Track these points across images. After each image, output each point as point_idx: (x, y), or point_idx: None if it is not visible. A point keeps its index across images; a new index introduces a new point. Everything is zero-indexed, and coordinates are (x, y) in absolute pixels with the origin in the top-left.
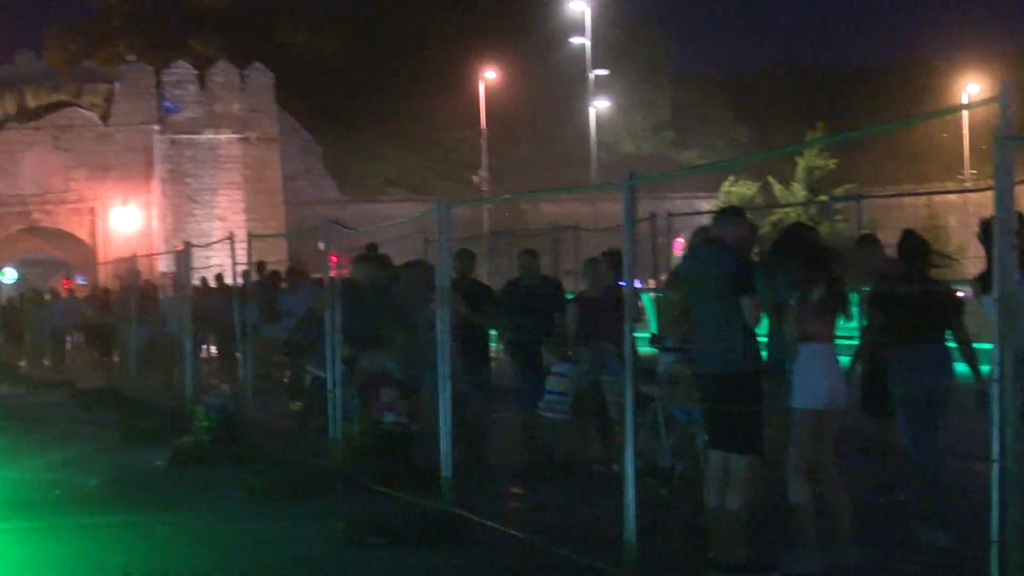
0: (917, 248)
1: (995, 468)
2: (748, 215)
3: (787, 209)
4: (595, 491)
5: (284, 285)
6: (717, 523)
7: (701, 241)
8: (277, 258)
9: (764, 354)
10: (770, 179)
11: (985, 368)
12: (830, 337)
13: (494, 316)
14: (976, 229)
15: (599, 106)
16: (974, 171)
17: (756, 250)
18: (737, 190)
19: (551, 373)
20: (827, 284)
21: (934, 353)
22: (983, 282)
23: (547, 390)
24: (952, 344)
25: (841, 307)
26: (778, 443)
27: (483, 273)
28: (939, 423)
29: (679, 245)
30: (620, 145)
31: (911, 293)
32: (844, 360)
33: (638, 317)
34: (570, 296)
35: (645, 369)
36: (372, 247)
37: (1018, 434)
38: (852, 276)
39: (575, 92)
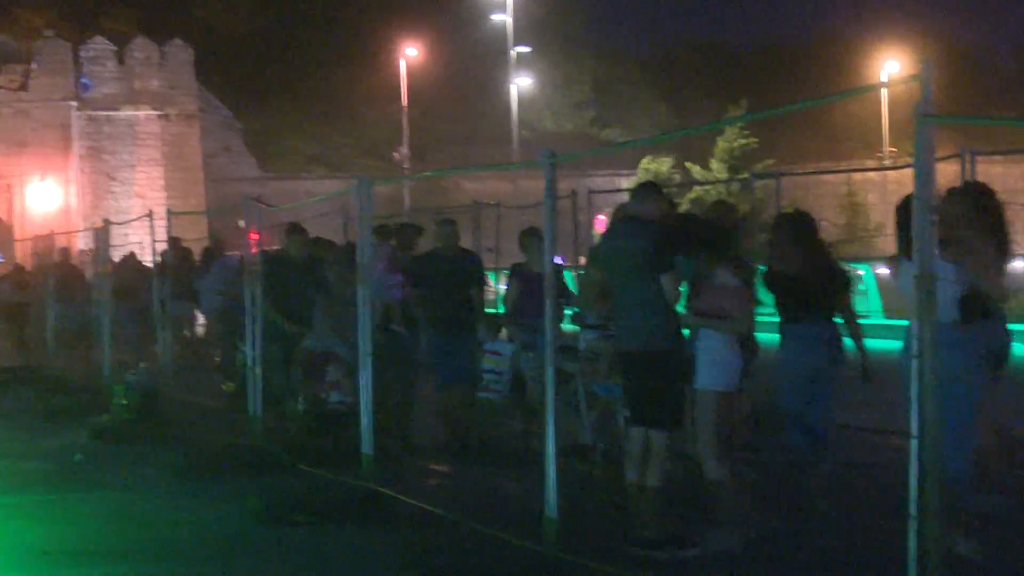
0: (805, 229)
1: (913, 444)
2: (665, 191)
3: (707, 186)
4: (518, 468)
5: (198, 262)
6: (637, 499)
7: (619, 218)
8: (197, 235)
9: (687, 332)
10: (688, 164)
11: (883, 343)
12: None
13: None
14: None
15: (521, 83)
16: (893, 148)
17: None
18: (655, 167)
19: (488, 351)
20: (731, 266)
21: (820, 330)
22: (897, 260)
23: (483, 369)
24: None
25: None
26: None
27: None
28: (830, 398)
29: (600, 222)
30: (542, 123)
31: (793, 272)
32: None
33: (562, 293)
34: (490, 273)
35: (566, 346)
36: (294, 226)
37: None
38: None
39: (497, 69)
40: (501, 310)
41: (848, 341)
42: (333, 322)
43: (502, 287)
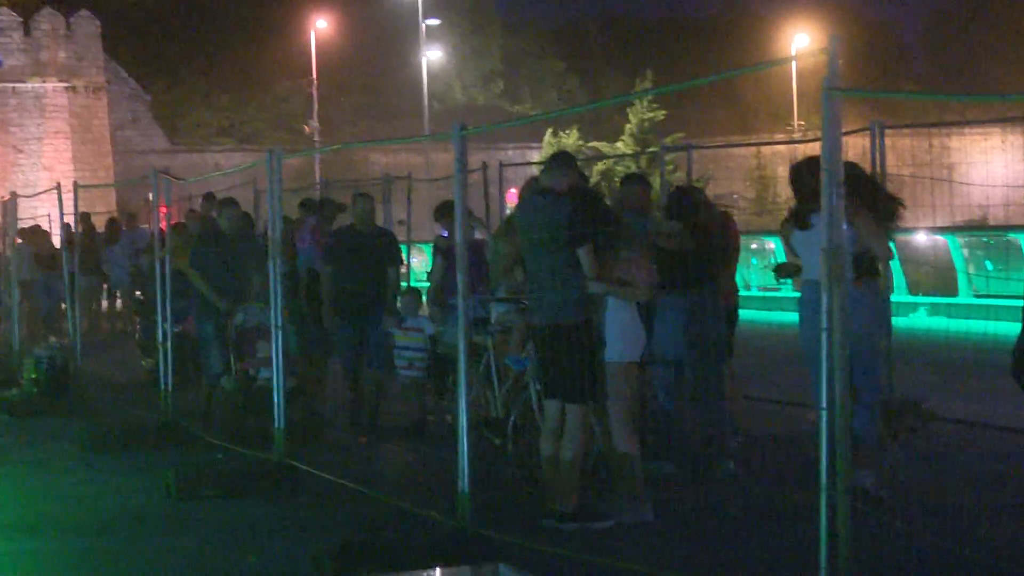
0: (689, 204)
1: (823, 416)
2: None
3: (614, 159)
4: (432, 444)
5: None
6: (551, 472)
7: (533, 191)
8: (106, 208)
9: None
10: (594, 144)
11: (795, 316)
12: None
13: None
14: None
15: (431, 56)
16: (802, 122)
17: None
18: (560, 140)
19: (408, 328)
20: (628, 238)
21: (694, 301)
22: (793, 221)
23: (399, 346)
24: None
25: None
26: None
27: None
28: (713, 368)
29: (512, 196)
30: (453, 95)
31: (673, 247)
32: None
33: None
34: (401, 246)
35: (477, 320)
36: (226, 199)
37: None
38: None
39: (407, 42)
40: (414, 284)
41: (751, 313)
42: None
43: (414, 260)
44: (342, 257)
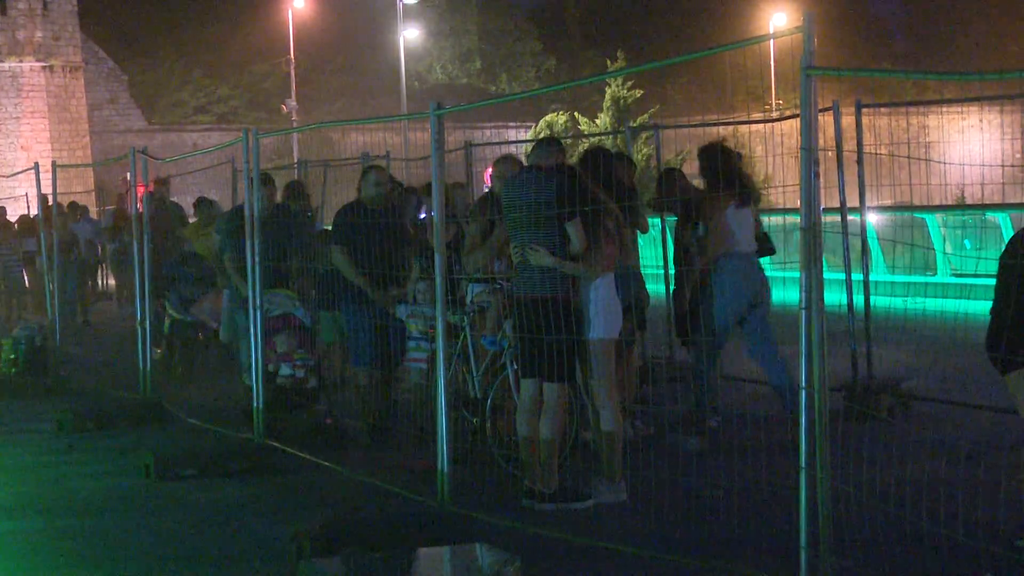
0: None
1: (803, 395)
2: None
3: (593, 139)
4: (413, 426)
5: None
6: (530, 452)
7: (520, 170)
8: (83, 188)
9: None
10: (577, 115)
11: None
12: (613, 266)
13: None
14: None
15: (408, 35)
16: (780, 100)
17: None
18: (554, 119)
19: (413, 316)
20: (606, 215)
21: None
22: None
23: (415, 338)
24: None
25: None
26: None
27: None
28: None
29: (487, 175)
30: (432, 75)
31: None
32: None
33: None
34: None
35: (453, 299)
36: (165, 181)
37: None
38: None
39: (385, 20)
40: None
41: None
42: (300, 283)
43: None
44: (352, 238)
